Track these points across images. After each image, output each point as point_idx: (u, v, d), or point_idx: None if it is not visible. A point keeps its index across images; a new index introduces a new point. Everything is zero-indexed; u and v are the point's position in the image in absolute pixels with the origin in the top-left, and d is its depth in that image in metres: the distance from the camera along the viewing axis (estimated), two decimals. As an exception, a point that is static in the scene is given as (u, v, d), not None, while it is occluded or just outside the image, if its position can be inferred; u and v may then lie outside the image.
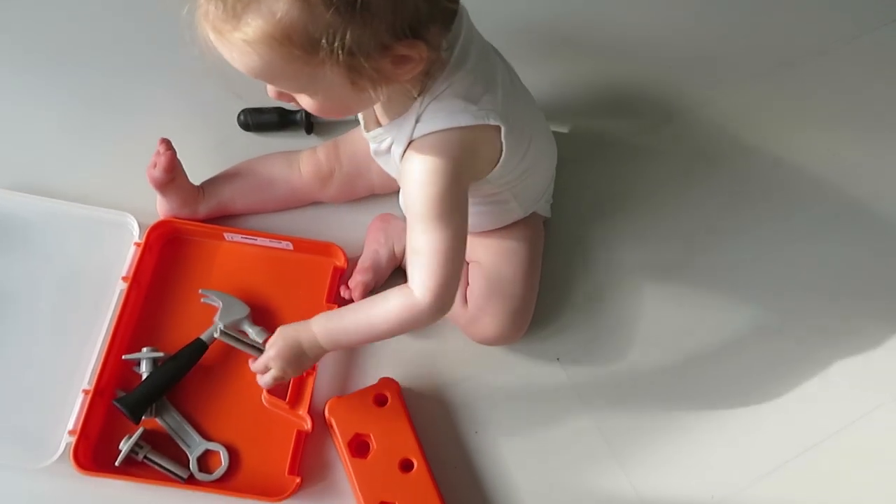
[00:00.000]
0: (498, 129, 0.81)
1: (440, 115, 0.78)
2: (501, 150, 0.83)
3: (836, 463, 0.96)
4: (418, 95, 0.77)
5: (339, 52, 0.67)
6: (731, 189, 1.13)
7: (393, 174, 0.88)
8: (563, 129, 1.15)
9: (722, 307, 1.05)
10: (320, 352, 0.87)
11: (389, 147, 0.82)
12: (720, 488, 0.94)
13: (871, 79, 1.22)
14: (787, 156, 1.16)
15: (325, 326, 0.86)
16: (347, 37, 0.67)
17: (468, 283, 0.98)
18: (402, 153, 0.80)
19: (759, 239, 1.09)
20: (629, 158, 1.14)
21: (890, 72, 1.23)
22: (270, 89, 0.76)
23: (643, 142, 1.16)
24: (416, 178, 0.79)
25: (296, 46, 0.67)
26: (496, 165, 0.84)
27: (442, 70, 0.77)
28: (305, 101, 0.75)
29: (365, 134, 0.86)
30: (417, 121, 0.78)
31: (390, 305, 0.82)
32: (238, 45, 0.68)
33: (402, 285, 0.82)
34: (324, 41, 0.67)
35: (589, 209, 1.10)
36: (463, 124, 0.78)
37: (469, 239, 0.97)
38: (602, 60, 1.22)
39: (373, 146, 0.86)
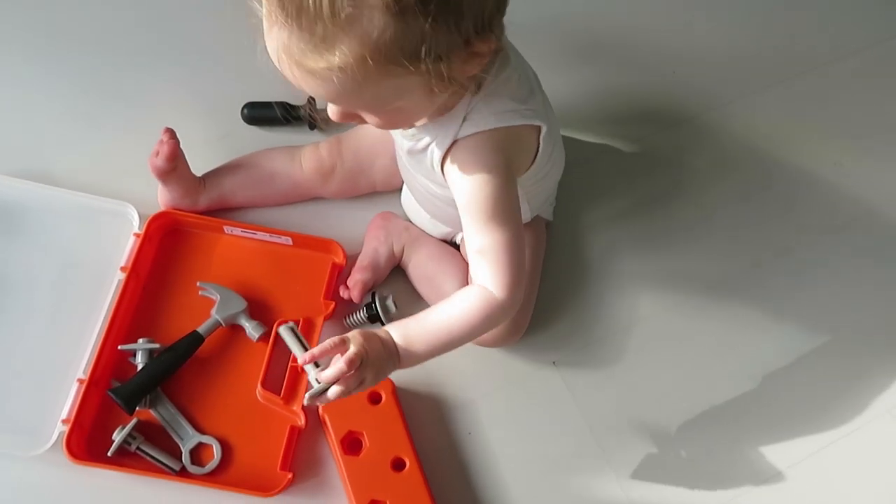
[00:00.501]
0: (538, 130, 0.80)
1: (489, 114, 0.76)
2: (537, 152, 0.83)
3: (831, 473, 0.96)
4: (473, 94, 0.75)
5: (429, 60, 0.66)
6: (734, 196, 1.12)
7: (421, 173, 0.87)
8: (567, 132, 1.15)
9: (720, 317, 1.04)
10: (395, 365, 0.78)
11: (427, 146, 0.81)
12: (711, 498, 0.94)
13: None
14: (796, 162, 1.15)
15: (402, 334, 0.78)
16: (439, 43, 0.66)
17: (469, 283, 0.97)
18: (444, 153, 0.79)
19: (764, 247, 1.09)
20: (633, 163, 1.14)
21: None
22: (334, 111, 0.74)
23: (648, 147, 1.15)
24: (471, 178, 0.77)
25: (390, 63, 0.65)
26: (529, 167, 0.84)
27: (492, 67, 0.75)
28: (372, 119, 0.74)
29: (399, 133, 0.84)
30: (464, 120, 0.76)
31: (469, 307, 0.78)
32: (321, 73, 0.65)
33: (472, 286, 0.79)
34: (420, 52, 0.65)
35: (591, 214, 1.09)
36: (511, 124, 0.77)
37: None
38: (610, 63, 1.21)
39: (407, 144, 0.83)
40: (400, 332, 0.78)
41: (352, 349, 0.74)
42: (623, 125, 1.16)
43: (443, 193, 0.86)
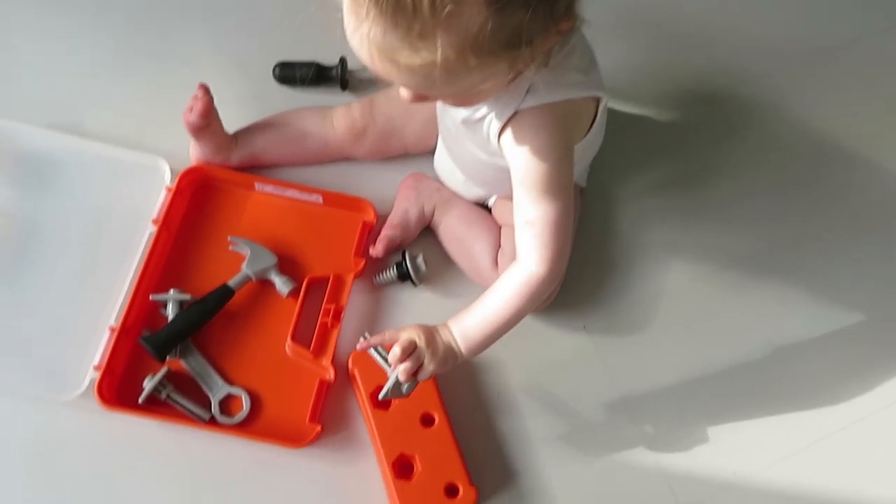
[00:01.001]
0: (598, 101, 0.80)
1: (554, 86, 0.76)
2: (593, 123, 0.83)
3: (865, 448, 0.95)
4: (540, 66, 0.74)
5: (523, 46, 0.65)
6: (770, 175, 1.10)
7: (473, 142, 0.86)
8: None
9: (750, 291, 1.03)
10: (458, 354, 0.81)
11: (483, 117, 0.80)
12: (742, 465, 0.93)
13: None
14: (839, 144, 1.13)
15: (459, 325, 0.81)
16: (534, 30, 0.65)
17: (500, 246, 0.97)
18: (503, 124, 0.78)
19: (799, 228, 1.07)
20: (671, 137, 1.12)
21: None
22: (406, 94, 0.73)
23: (688, 122, 1.13)
24: (529, 151, 0.77)
25: (487, 55, 0.65)
26: (583, 138, 0.84)
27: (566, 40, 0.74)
28: (448, 101, 0.74)
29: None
30: (527, 92, 0.75)
31: (507, 287, 0.80)
32: (416, 68, 0.65)
33: (512, 265, 0.81)
34: (516, 41, 0.65)
35: (625, 184, 1.08)
36: (575, 96, 0.77)
37: (505, 202, 0.97)
38: (656, 36, 1.19)
39: (463, 115, 0.82)
40: (456, 324, 0.81)
41: (404, 335, 0.80)
42: (663, 98, 1.15)
43: (492, 161, 0.86)
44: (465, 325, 0.82)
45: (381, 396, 0.80)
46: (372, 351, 0.82)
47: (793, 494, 0.92)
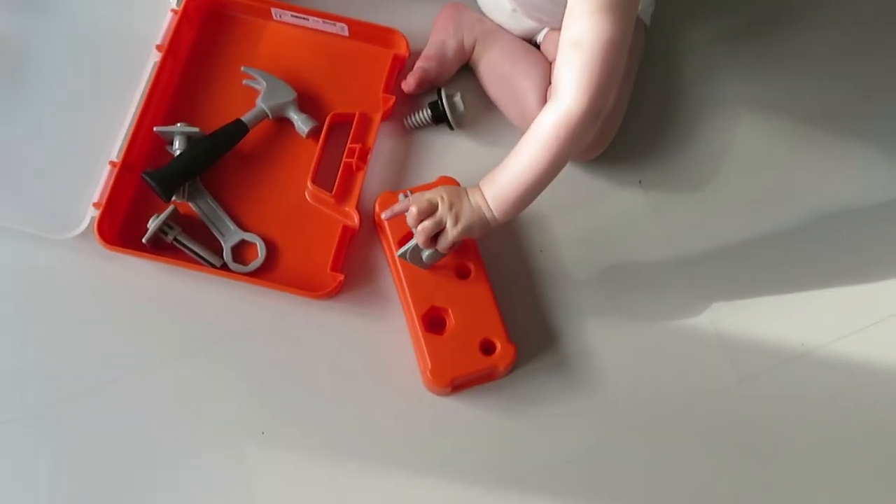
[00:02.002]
0: None
1: None
2: None
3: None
4: None
5: None
6: (848, 29, 0.96)
7: None
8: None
9: (820, 148, 0.91)
10: (489, 216, 0.73)
11: None
12: (810, 337, 0.84)
13: None
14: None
15: (491, 186, 0.72)
16: None
17: (550, 83, 0.85)
18: None
19: (875, 83, 0.94)
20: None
21: None
22: None
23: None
24: None
25: None
26: None
27: None
28: None
29: None
30: None
31: (542, 131, 0.70)
32: None
33: (546, 106, 0.70)
34: None
35: (692, 28, 0.95)
36: None
37: (558, 34, 0.85)
38: None
39: None
40: (488, 184, 0.73)
41: (426, 195, 0.73)
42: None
43: None
44: (497, 186, 0.72)
45: (397, 254, 0.72)
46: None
47: (862, 370, 0.83)
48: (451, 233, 0.73)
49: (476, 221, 0.73)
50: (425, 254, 0.75)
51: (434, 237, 0.74)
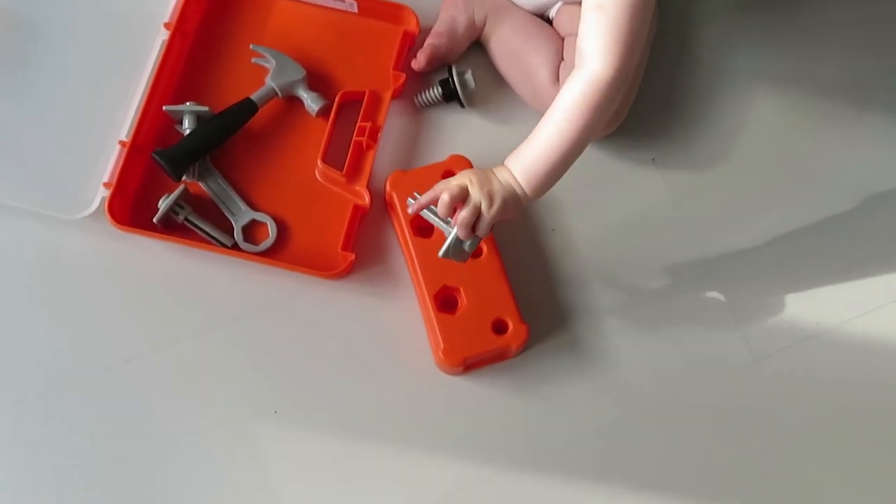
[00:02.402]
0: None
1: None
2: None
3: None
4: None
5: None
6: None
7: None
8: None
9: (841, 122, 0.90)
10: (521, 194, 0.70)
11: None
12: (826, 316, 0.83)
13: None
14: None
15: (519, 162, 0.70)
16: None
17: (563, 59, 0.83)
18: None
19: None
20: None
21: None
22: None
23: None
24: None
25: None
26: None
27: None
28: None
29: None
30: None
31: (569, 100, 0.68)
32: None
33: (571, 75, 0.68)
34: None
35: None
36: None
37: (571, 8, 0.83)
38: None
39: None
40: (515, 161, 0.71)
41: (454, 181, 0.69)
42: None
43: None
44: (526, 161, 0.70)
45: (440, 254, 0.69)
46: (426, 212, 0.71)
47: (878, 349, 0.82)
48: (489, 215, 0.69)
49: (510, 199, 0.70)
50: (466, 244, 0.70)
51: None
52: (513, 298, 0.77)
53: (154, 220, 0.80)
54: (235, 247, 0.81)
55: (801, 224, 0.86)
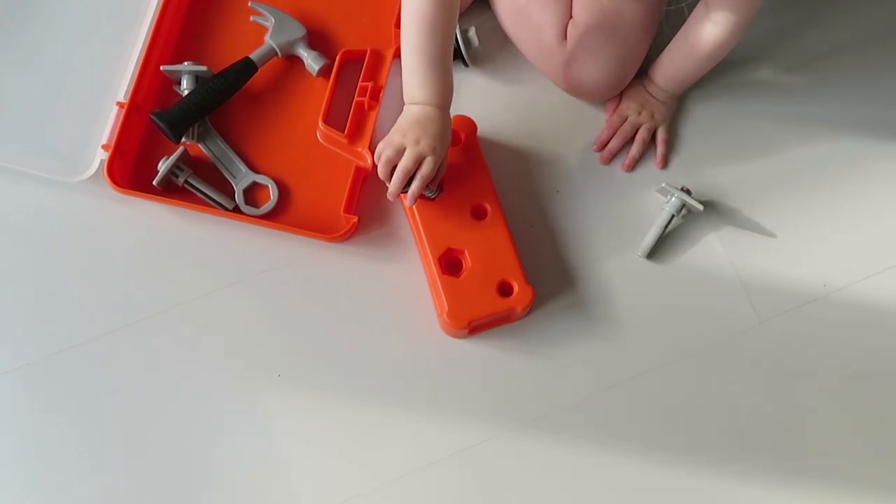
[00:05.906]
0: None
1: None
2: None
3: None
4: None
5: None
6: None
7: None
8: None
9: (849, 79, 0.88)
10: (665, 99, 0.84)
11: None
12: (833, 278, 0.82)
13: None
14: None
15: (664, 73, 0.81)
16: None
17: (572, 16, 0.81)
18: None
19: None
20: None
21: None
22: None
23: None
24: None
25: None
26: None
27: None
28: None
29: None
30: None
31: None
32: None
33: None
34: None
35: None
36: None
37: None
38: None
39: None
40: (660, 73, 0.80)
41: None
42: None
43: None
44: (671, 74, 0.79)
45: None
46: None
47: (885, 310, 0.82)
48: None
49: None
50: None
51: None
52: (518, 260, 0.76)
53: (154, 182, 0.79)
54: (237, 209, 0.80)
55: (808, 184, 0.85)
